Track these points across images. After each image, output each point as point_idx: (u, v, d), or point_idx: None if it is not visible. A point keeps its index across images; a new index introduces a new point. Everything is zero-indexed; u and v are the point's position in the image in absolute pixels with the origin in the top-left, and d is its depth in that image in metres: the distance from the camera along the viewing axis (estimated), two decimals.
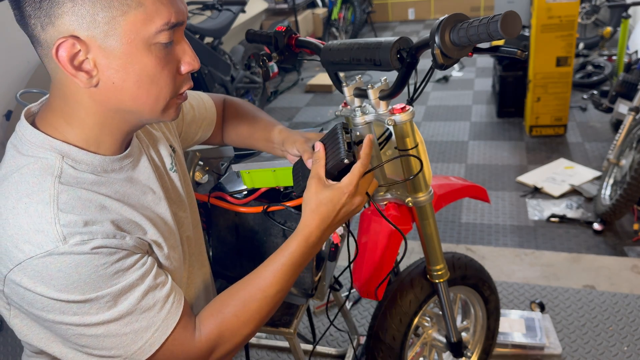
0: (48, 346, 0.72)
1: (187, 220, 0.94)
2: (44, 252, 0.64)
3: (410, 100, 1.07)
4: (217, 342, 0.77)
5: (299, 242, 0.83)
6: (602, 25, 4.98)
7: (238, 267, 1.22)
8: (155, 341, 0.72)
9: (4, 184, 0.69)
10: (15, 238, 0.64)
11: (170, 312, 0.74)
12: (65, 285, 0.65)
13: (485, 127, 3.71)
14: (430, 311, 1.46)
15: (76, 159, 0.71)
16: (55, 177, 0.68)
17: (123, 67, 0.67)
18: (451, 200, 1.32)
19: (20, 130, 0.73)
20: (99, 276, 0.66)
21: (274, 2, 5.70)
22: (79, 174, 0.71)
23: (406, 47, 0.93)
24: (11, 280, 0.65)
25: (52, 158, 0.70)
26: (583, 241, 2.42)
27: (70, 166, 0.71)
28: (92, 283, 0.66)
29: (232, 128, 1.14)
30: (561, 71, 3.21)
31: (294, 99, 4.73)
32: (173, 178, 0.91)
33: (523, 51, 0.91)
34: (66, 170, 0.70)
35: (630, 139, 2.51)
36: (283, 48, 1.15)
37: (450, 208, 2.78)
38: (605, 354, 1.79)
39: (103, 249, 0.67)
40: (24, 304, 0.67)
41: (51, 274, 0.64)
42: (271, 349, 1.93)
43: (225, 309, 0.79)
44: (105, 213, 0.70)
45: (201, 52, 3.44)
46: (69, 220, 0.65)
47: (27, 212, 0.65)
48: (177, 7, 0.68)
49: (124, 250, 0.69)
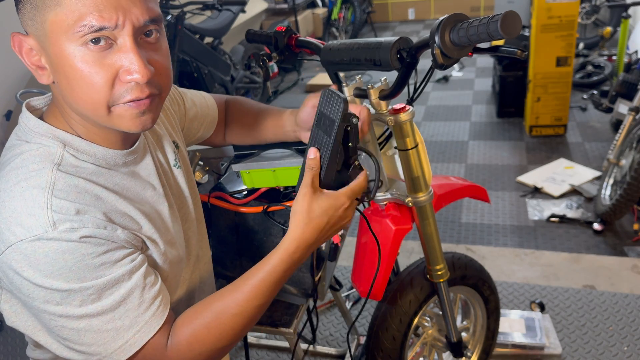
0: (35, 334, 0.73)
1: (190, 216, 0.94)
2: (33, 236, 0.64)
3: (410, 100, 1.07)
4: (185, 353, 0.74)
5: (282, 258, 0.78)
6: (602, 25, 4.98)
7: (238, 267, 1.22)
8: (136, 342, 0.71)
9: (5, 168, 0.70)
10: (9, 220, 0.65)
11: (155, 314, 0.72)
12: (51, 271, 0.65)
13: (485, 127, 3.71)
14: (430, 311, 1.46)
15: (78, 149, 0.73)
16: (54, 164, 0.70)
17: (56, 67, 0.68)
18: (451, 200, 1.32)
19: (24, 121, 0.74)
20: (84, 265, 0.66)
21: (274, 2, 5.70)
22: (79, 162, 0.72)
23: (406, 47, 0.93)
24: (3, 262, 0.66)
25: (54, 146, 0.71)
26: (583, 241, 2.42)
27: (71, 155, 0.72)
28: (77, 272, 0.66)
29: (237, 122, 1.14)
30: (561, 71, 3.21)
31: (294, 99, 4.73)
32: (176, 175, 0.92)
33: (523, 51, 0.91)
34: (67, 158, 0.71)
35: (630, 139, 2.51)
36: (283, 48, 1.15)
37: (450, 208, 2.78)
38: (605, 353, 1.79)
39: (91, 239, 0.67)
40: (13, 288, 0.68)
41: (38, 258, 0.64)
42: (271, 349, 1.93)
43: (197, 319, 0.76)
44: (100, 203, 0.71)
45: (201, 52, 3.44)
46: (61, 207, 0.66)
47: (22, 195, 0.66)
48: (104, 10, 0.64)
49: (113, 242, 0.69)
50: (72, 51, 0.66)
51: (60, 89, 0.71)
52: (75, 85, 0.68)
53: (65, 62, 0.67)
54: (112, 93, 0.68)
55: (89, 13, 0.64)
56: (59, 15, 0.65)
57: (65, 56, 0.66)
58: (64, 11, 0.64)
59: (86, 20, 0.64)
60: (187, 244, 0.92)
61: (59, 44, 0.66)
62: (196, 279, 0.97)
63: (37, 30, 0.67)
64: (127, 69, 0.67)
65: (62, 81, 0.69)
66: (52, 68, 0.69)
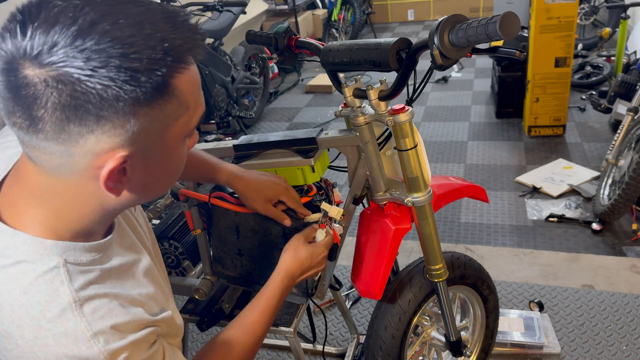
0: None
1: (156, 247, 0.91)
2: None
3: (410, 100, 1.08)
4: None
5: (276, 282, 0.98)
6: (601, 26, 5.00)
7: (238, 267, 1.23)
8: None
9: (4, 308, 0.59)
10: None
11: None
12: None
13: (484, 128, 3.72)
14: (429, 310, 1.46)
15: (76, 256, 0.63)
16: (66, 286, 0.60)
17: (161, 167, 0.63)
18: (450, 200, 1.32)
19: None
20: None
21: (274, 3, 5.71)
22: (84, 271, 0.64)
23: (405, 48, 0.94)
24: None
25: (53, 264, 0.61)
26: (582, 241, 2.43)
27: (74, 265, 0.63)
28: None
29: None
30: (560, 72, 3.22)
31: (294, 100, 4.74)
32: (137, 216, 0.85)
33: (522, 52, 0.92)
34: (73, 272, 0.62)
35: (628, 139, 2.52)
36: (283, 49, 1.16)
37: (449, 208, 2.79)
38: (604, 353, 1.80)
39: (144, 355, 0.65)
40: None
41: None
42: (271, 348, 1.93)
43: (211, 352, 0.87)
44: (129, 310, 0.65)
45: None
46: (107, 338, 0.60)
47: (56, 339, 0.58)
48: (203, 97, 0.66)
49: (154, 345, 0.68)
50: (183, 143, 0.65)
51: (141, 189, 0.64)
52: (172, 175, 0.66)
53: (176, 156, 0.64)
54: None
55: (202, 106, 0.65)
56: (185, 117, 0.62)
57: (177, 151, 0.64)
58: (189, 112, 0.62)
59: (202, 111, 0.65)
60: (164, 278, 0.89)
61: (177, 142, 0.63)
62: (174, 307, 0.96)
63: (143, 143, 0.59)
64: (193, 141, 0.70)
65: (157, 180, 0.65)
66: (148, 171, 0.62)
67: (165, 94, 0.57)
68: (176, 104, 0.59)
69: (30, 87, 0.52)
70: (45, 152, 0.57)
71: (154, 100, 0.56)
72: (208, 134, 3.62)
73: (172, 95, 0.58)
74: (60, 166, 0.58)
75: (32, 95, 0.52)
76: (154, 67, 0.54)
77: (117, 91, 0.53)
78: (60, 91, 0.52)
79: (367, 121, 1.09)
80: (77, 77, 0.52)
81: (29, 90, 0.52)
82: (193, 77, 0.61)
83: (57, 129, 0.54)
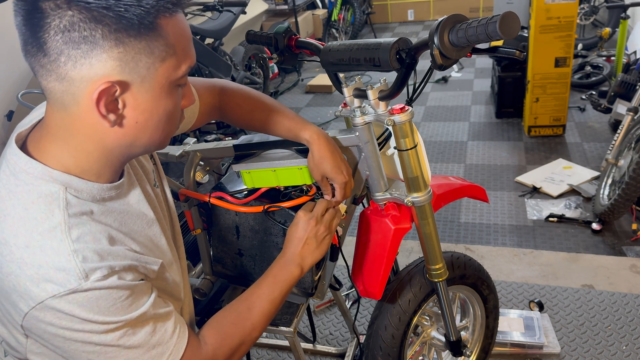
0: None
1: (177, 228, 0.96)
2: (68, 290, 0.65)
3: (410, 100, 1.08)
4: (219, 351, 0.84)
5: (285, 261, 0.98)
6: (601, 26, 5.00)
7: (238, 267, 1.23)
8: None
9: (7, 219, 0.68)
10: (35, 277, 0.65)
11: (179, 336, 0.78)
12: (87, 317, 0.67)
13: (484, 128, 3.72)
14: (429, 310, 1.46)
15: (77, 189, 0.71)
16: (61, 209, 0.68)
17: (150, 108, 0.69)
18: (450, 200, 1.33)
19: (14, 159, 0.71)
20: (116, 308, 0.68)
21: (274, 3, 5.71)
22: (81, 203, 0.71)
23: (405, 48, 0.94)
24: (33, 317, 0.67)
25: (55, 189, 0.69)
26: (581, 241, 2.43)
27: (73, 196, 0.70)
28: (111, 314, 0.68)
29: (231, 116, 1.12)
30: (560, 72, 3.22)
31: (294, 100, 4.74)
32: (159, 194, 0.92)
33: (522, 52, 0.92)
34: (70, 200, 0.70)
35: (628, 139, 2.52)
36: (283, 49, 1.16)
37: (449, 208, 2.79)
38: (603, 353, 1.80)
39: (120, 281, 0.69)
40: (46, 336, 0.69)
41: (73, 309, 0.66)
42: (271, 348, 1.93)
43: (222, 320, 0.88)
44: (116, 245, 0.72)
45: (202, 53, 3.45)
46: (85, 256, 0.67)
47: (42, 250, 0.66)
48: (194, 51, 0.73)
49: (137, 281, 0.72)
50: (172, 92, 0.71)
51: (135, 129, 0.70)
52: (162, 122, 0.72)
53: (164, 102, 0.70)
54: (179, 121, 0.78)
55: (192, 57, 0.72)
56: (172, 62, 0.68)
57: (165, 97, 0.70)
58: (178, 57, 0.69)
59: (191, 62, 0.71)
60: (180, 256, 0.93)
61: (164, 87, 0.69)
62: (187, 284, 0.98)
63: (133, 75, 0.66)
64: (188, 97, 0.78)
65: (147, 121, 0.70)
66: (139, 110, 0.69)
67: (151, 30, 0.65)
68: (163, 44, 0.66)
69: (39, 13, 0.61)
70: (51, 79, 0.65)
71: (140, 33, 0.64)
72: (208, 134, 3.61)
73: (159, 35, 0.66)
74: (65, 95, 0.66)
75: (40, 19, 0.62)
76: (142, 2, 0.63)
77: (109, 19, 0.62)
78: (61, 16, 0.61)
79: (367, 121, 1.10)
80: (77, 3, 0.61)
81: (38, 15, 0.62)
82: (181, 25, 0.69)
83: (58, 51, 0.62)
